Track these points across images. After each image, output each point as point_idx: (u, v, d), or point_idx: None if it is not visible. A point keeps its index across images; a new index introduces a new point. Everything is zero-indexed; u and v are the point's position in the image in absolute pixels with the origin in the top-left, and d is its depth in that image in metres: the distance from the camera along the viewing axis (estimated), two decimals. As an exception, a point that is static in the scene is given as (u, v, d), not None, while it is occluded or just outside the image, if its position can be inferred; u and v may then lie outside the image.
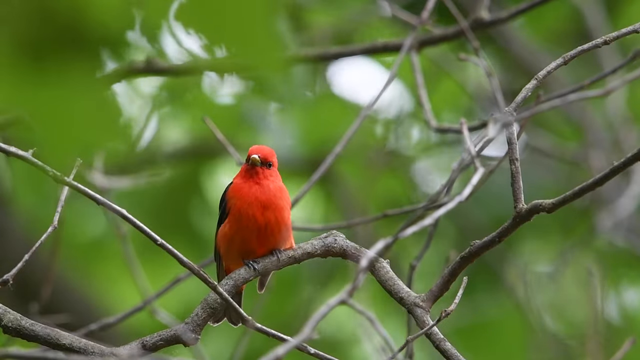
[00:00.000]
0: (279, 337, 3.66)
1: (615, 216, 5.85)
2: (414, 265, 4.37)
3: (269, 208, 3.90)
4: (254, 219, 3.88)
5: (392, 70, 4.63)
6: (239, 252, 3.90)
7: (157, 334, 3.74)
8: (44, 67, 2.62)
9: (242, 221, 3.89)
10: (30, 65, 2.62)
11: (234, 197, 3.92)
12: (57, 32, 2.62)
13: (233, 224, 3.90)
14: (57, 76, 2.63)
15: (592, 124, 6.88)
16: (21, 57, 2.62)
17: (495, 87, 4.20)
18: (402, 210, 4.61)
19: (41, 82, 2.63)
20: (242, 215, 3.89)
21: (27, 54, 2.62)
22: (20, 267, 3.66)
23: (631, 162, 3.47)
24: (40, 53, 2.62)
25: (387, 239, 3.06)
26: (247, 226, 3.88)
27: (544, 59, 6.54)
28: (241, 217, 3.89)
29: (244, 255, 3.88)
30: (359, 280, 2.94)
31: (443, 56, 6.99)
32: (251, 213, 3.89)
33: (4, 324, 3.64)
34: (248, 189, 3.92)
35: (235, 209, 3.91)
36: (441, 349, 3.66)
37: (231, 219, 3.91)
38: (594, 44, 3.72)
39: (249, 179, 3.93)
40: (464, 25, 4.68)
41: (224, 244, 3.92)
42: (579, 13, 7.06)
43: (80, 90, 2.64)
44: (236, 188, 3.94)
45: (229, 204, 3.92)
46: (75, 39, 2.63)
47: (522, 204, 3.60)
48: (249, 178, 3.93)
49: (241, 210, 3.89)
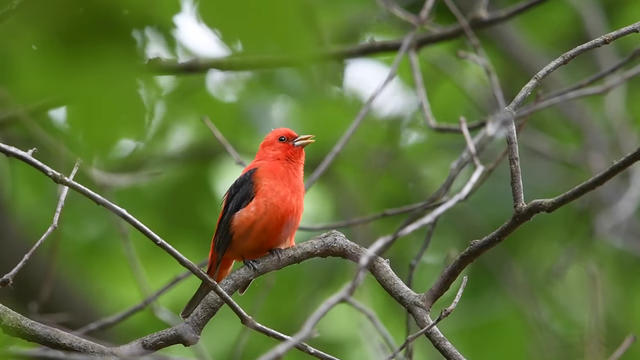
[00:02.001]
0: (278, 337, 3.66)
1: (615, 219, 5.85)
2: (413, 265, 4.37)
3: (296, 194, 3.90)
4: (288, 201, 3.86)
5: (391, 69, 4.63)
6: (256, 239, 3.86)
7: (157, 333, 3.73)
8: (78, 55, 2.64)
9: (273, 202, 3.85)
10: (65, 53, 2.64)
11: (266, 178, 3.88)
12: (92, 20, 2.64)
13: (261, 205, 3.85)
14: (91, 64, 2.65)
15: (591, 126, 6.88)
16: (56, 44, 2.64)
17: (495, 85, 4.20)
18: (401, 210, 4.61)
19: (75, 69, 2.65)
20: (276, 195, 3.85)
21: (62, 41, 2.64)
22: (20, 267, 3.65)
23: (631, 161, 3.47)
24: (75, 41, 2.64)
25: (386, 238, 3.06)
26: (278, 207, 3.86)
27: (543, 62, 6.54)
28: (274, 197, 3.85)
29: (261, 243, 3.85)
30: (359, 279, 2.94)
31: (442, 59, 6.99)
32: (284, 194, 3.88)
33: (4, 324, 3.64)
34: (284, 170, 3.91)
35: (268, 188, 3.86)
36: (441, 349, 3.66)
37: (260, 201, 3.85)
38: (593, 43, 3.72)
39: (281, 157, 3.92)
40: (464, 24, 4.69)
41: (244, 226, 3.86)
42: (578, 17, 7.07)
43: (112, 80, 2.66)
44: (268, 169, 3.90)
45: (256, 186, 3.88)
46: (110, 27, 2.65)
47: (522, 203, 3.60)
48: (282, 157, 3.92)
49: (275, 190, 3.86)
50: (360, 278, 2.94)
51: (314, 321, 2.89)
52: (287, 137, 3.99)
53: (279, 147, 3.97)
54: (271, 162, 3.94)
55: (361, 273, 2.96)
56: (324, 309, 2.91)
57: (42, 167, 3.57)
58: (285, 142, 3.98)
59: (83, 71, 2.67)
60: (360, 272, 2.96)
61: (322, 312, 2.91)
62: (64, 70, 2.67)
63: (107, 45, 2.67)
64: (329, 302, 2.92)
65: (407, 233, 3.10)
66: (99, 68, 2.67)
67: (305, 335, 2.87)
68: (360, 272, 2.95)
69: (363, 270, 2.98)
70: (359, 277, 2.93)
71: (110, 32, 2.66)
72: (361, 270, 2.98)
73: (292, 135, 4.00)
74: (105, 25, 2.66)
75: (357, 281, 2.92)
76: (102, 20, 2.65)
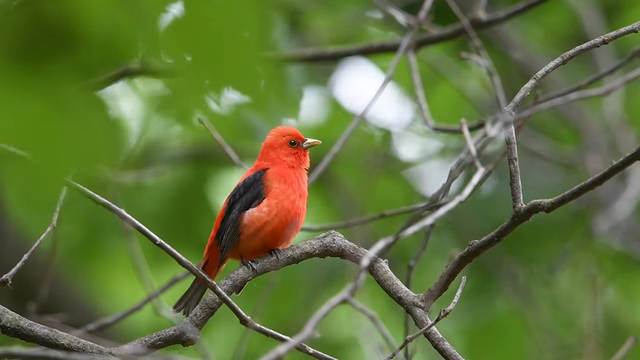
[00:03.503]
0: (278, 337, 3.66)
1: (612, 219, 5.85)
2: (411, 266, 4.37)
3: (302, 199, 3.90)
4: (297, 205, 3.87)
5: (389, 70, 4.63)
6: (262, 240, 3.86)
7: (156, 333, 3.73)
8: (31, 75, 2.55)
9: (285, 205, 3.85)
10: (18, 73, 2.55)
11: (277, 181, 3.88)
12: (45, 38, 2.56)
13: (273, 207, 3.86)
14: (46, 85, 2.55)
15: (589, 127, 6.88)
16: (9, 64, 2.56)
17: (497, 87, 4.20)
18: (399, 210, 4.61)
19: (29, 91, 2.55)
20: (287, 199, 3.85)
21: (15, 60, 2.55)
22: (19, 268, 3.65)
23: (630, 161, 3.47)
24: (28, 60, 2.55)
25: (387, 239, 3.06)
26: (289, 211, 3.85)
27: (542, 62, 6.54)
28: (285, 201, 3.85)
29: (265, 244, 3.86)
30: (360, 280, 2.93)
31: (440, 60, 6.99)
32: (294, 198, 3.88)
33: (3, 324, 3.64)
34: (294, 177, 3.90)
35: (279, 191, 3.86)
36: (440, 349, 3.66)
37: (272, 202, 3.86)
38: (592, 44, 3.71)
39: (293, 164, 3.92)
40: (464, 23, 4.68)
41: (255, 226, 3.85)
42: (577, 19, 7.07)
43: (69, 100, 2.56)
44: (279, 173, 3.90)
45: (267, 187, 3.88)
46: (65, 44, 2.57)
47: (520, 203, 3.60)
48: (295, 163, 3.92)
49: (286, 193, 3.86)
50: (361, 279, 2.93)
51: (315, 322, 2.89)
52: (297, 140, 3.98)
53: (292, 153, 3.96)
54: (281, 165, 3.93)
55: (362, 274, 2.96)
56: (325, 309, 2.91)
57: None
58: (297, 147, 3.97)
59: (36, 93, 2.55)
60: (361, 273, 2.95)
61: (323, 313, 2.90)
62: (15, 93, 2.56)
63: (60, 61, 2.57)
64: (330, 303, 2.91)
65: (408, 234, 3.10)
66: (53, 88, 2.55)
67: (306, 336, 2.86)
68: (361, 273, 2.95)
69: (364, 271, 2.98)
70: (360, 278, 2.93)
71: (63, 48, 2.57)
72: (362, 271, 2.97)
73: (301, 138, 3.98)
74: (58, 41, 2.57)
75: (358, 282, 2.92)
76: (55, 37, 2.57)
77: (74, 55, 2.56)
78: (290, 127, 3.99)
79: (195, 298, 3.87)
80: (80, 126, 2.59)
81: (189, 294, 3.89)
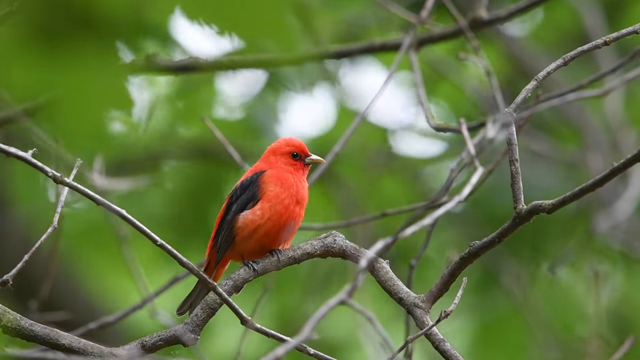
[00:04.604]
0: (278, 338, 3.66)
1: (613, 219, 5.85)
2: (412, 266, 4.37)
3: (300, 204, 3.90)
4: (291, 210, 3.87)
5: (390, 69, 4.62)
6: (257, 242, 3.87)
7: (157, 334, 3.73)
8: (59, 52, 2.64)
9: (277, 209, 3.86)
10: (46, 50, 2.64)
11: (273, 184, 3.89)
12: (72, 18, 2.64)
13: (266, 211, 3.87)
14: (73, 61, 2.64)
15: (590, 126, 6.88)
16: (37, 42, 2.64)
17: (495, 86, 4.19)
18: (401, 210, 4.61)
19: (57, 66, 2.65)
20: (280, 203, 3.86)
21: (43, 39, 2.64)
22: (19, 268, 3.65)
23: (631, 163, 3.46)
24: (56, 38, 2.64)
25: (386, 239, 3.06)
26: (282, 215, 3.87)
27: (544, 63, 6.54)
28: (278, 205, 3.86)
29: (262, 246, 3.86)
30: (358, 280, 2.93)
31: (441, 60, 6.99)
32: (287, 203, 3.88)
33: (4, 324, 3.64)
34: (293, 181, 3.90)
35: (273, 195, 3.88)
36: (440, 350, 3.66)
37: (265, 205, 3.87)
38: (594, 45, 3.71)
39: (292, 172, 3.92)
40: (463, 24, 4.68)
41: (249, 229, 3.87)
42: (579, 19, 7.07)
43: (95, 75, 2.66)
44: (276, 176, 3.91)
45: (262, 190, 3.89)
46: (89, 26, 2.65)
47: (521, 204, 3.60)
48: (293, 171, 3.92)
49: (280, 197, 3.87)
50: (360, 280, 2.93)
51: (313, 323, 2.89)
52: (300, 154, 3.98)
53: (291, 164, 3.97)
54: (279, 170, 3.93)
55: (361, 275, 2.96)
56: (323, 311, 2.91)
57: (42, 167, 3.56)
58: (299, 161, 3.97)
59: (66, 67, 2.66)
60: (360, 274, 2.95)
61: (321, 314, 2.90)
62: (48, 67, 2.66)
63: (90, 42, 2.66)
64: (328, 304, 2.91)
65: (407, 234, 3.10)
66: (82, 64, 2.67)
67: (305, 337, 2.86)
68: (360, 274, 2.95)
69: (363, 272, 2.98)
70: (358, 279, 2.92)
71: (93, 30, 2.65)
72: (361, 272, 2.97)
73: (305, 153, 3.98)
74: (88, 22, 2.65)
75: (357, 283, 2.92)
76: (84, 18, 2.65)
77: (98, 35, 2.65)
78: (298, 140, 4.00)
79: (199, 299, 3.87)
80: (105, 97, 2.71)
81: (193, 294, 3.90)
